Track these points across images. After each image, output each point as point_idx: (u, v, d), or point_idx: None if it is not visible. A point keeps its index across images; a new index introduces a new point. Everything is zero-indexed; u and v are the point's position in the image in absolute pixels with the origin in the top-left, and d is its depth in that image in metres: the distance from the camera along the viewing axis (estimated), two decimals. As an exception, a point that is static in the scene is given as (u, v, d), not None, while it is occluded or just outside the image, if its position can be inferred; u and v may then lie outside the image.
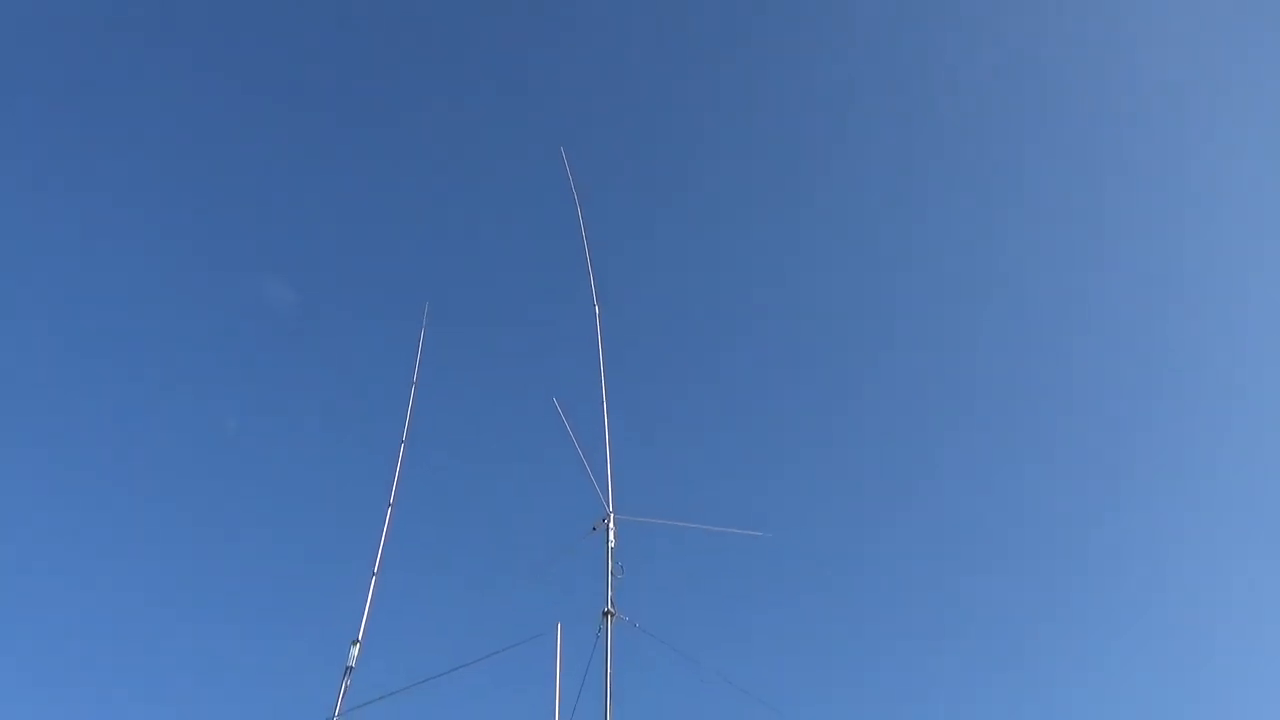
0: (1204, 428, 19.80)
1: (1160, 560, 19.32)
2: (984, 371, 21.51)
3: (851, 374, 21.99)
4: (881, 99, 22.27)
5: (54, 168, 19.70)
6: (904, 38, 21.84)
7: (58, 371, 18.86)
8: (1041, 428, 20.79)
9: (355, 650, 8.29)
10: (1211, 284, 20.29)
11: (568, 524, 8.81)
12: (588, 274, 10.21)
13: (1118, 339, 20.98)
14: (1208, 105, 20.08)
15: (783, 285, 22.13)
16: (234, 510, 18.33)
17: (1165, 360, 20.69)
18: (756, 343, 22.00)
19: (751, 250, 22.28)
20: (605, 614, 7.46)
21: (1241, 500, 18.96)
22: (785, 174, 22.97)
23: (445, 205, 22.56)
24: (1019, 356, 21.46)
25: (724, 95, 23.05)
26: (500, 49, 22.87)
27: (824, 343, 22.27)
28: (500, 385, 19.54)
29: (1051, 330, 21.42)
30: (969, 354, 21.64)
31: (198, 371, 19.65)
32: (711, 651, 8.27)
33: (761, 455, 20.76)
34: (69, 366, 19.06)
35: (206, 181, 20.88)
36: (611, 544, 7.97)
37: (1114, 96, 20.85)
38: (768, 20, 22.23)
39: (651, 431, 19.36)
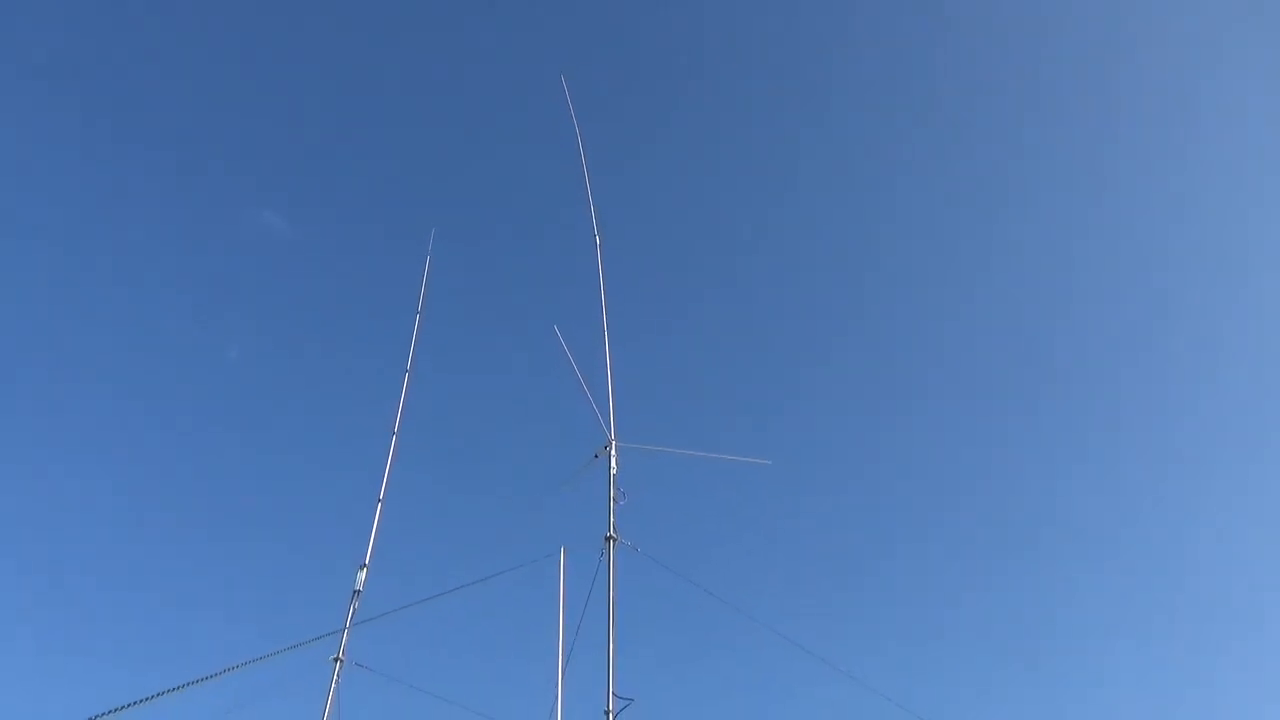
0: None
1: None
2: (986, 304, 21.49)
3: (855, 305, 22.00)
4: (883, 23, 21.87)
5: (50, 107, 19.47)
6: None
7: (60, 305, 18.87)
8: (1038, 362, 20.87)
9: (362, 575, 8.46)
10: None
11: (571, 451, 8.91)
12: (589, 203, 10.16)
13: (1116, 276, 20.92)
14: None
15: (785, 216, 21.99)
16: (237, 438, 18.51)
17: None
18: (760, 272, 21.98)
19: (754, 180, 22.11)
20: (607, 539, 7.58)
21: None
22: (790, 99, 22.66)
23: (445, 133, 22.32)
24: (1016, 291, 21.42)
25: (726, 18, 22.60)
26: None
27: (828, 274, 22.22)
28: (504, 313, 19.58)
29: (1049, 264, 21.35)
30: (971, 289, 21.59)
31: (197, 303, 19.67)
32: (712, 576, 8.43)
33: (766, 384, 20.91)
34: (72, 302, 19.06)
35: (201, 114, 20.65)
36: (613, 471, 8.06)
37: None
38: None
39: (655, 360, 19.45)
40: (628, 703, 6.65)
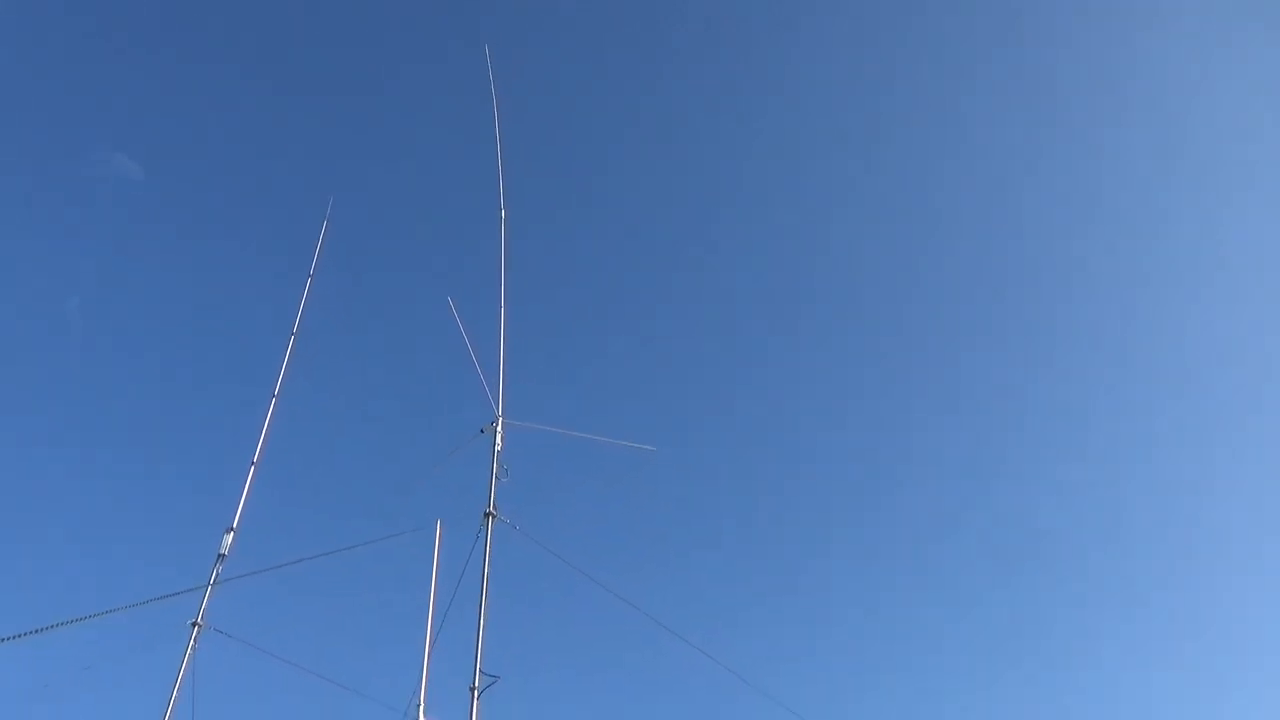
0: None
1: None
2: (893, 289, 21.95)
3: (758, 293, 22.21)
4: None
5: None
6: None
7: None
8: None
9: (229, 539, 8.19)
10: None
11: (457, 425, 8.80)
12: (498, 174, 10.03)
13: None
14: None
15: (693, 198, 22.03)
16: (76, 392, 17.30)
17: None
18: (658, 259, 22.01)
19: (658, 169, 22.12)
20: (487, 515, 7.53)
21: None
22: (701, 71, 22.71)
23: (331, 78, 21.23)
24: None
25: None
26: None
27: (730, 259, 22.36)
28: (396, 282, 19.10)
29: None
30: (874, 267, 21.96)
31: (34, 248, 18.08)
32: (590, 559, 8.43)
33: (656, 373, 21.00)
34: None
35: (48, 44, 19.13)
36: (498, 447, 8.00)
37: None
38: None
39: (548, 342, 19.31)
40: (494, 680, 6.63)
